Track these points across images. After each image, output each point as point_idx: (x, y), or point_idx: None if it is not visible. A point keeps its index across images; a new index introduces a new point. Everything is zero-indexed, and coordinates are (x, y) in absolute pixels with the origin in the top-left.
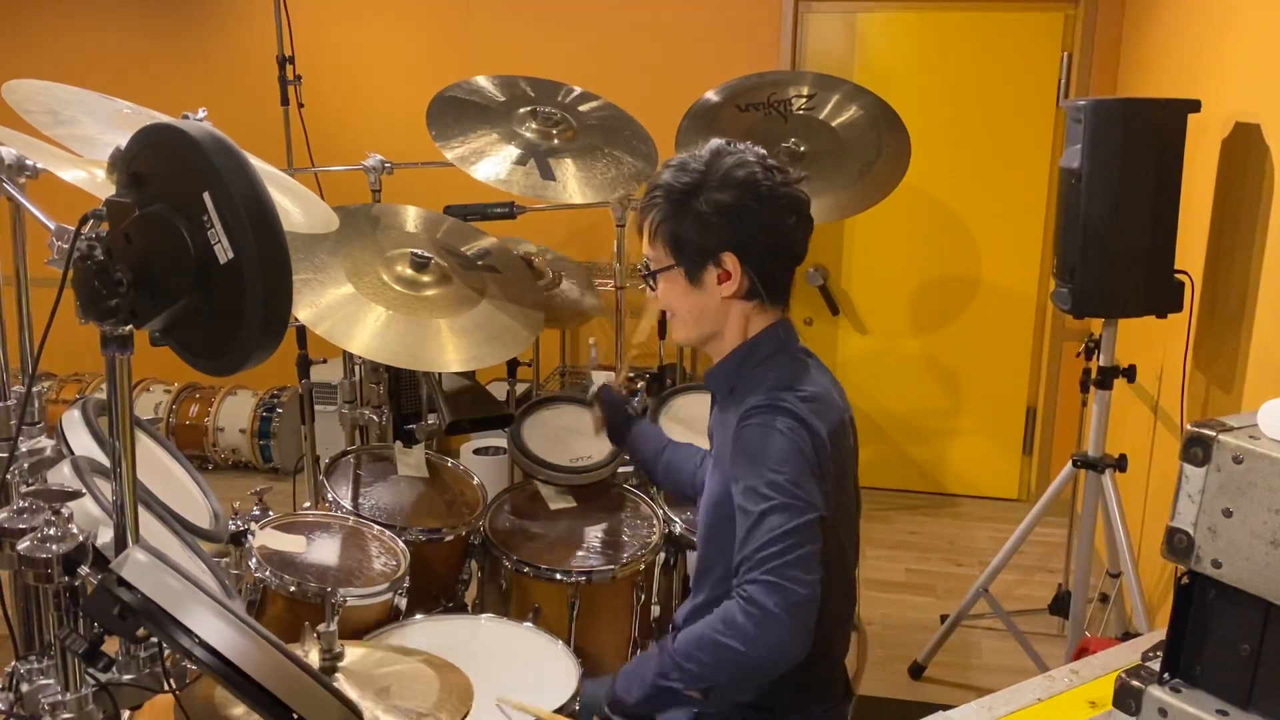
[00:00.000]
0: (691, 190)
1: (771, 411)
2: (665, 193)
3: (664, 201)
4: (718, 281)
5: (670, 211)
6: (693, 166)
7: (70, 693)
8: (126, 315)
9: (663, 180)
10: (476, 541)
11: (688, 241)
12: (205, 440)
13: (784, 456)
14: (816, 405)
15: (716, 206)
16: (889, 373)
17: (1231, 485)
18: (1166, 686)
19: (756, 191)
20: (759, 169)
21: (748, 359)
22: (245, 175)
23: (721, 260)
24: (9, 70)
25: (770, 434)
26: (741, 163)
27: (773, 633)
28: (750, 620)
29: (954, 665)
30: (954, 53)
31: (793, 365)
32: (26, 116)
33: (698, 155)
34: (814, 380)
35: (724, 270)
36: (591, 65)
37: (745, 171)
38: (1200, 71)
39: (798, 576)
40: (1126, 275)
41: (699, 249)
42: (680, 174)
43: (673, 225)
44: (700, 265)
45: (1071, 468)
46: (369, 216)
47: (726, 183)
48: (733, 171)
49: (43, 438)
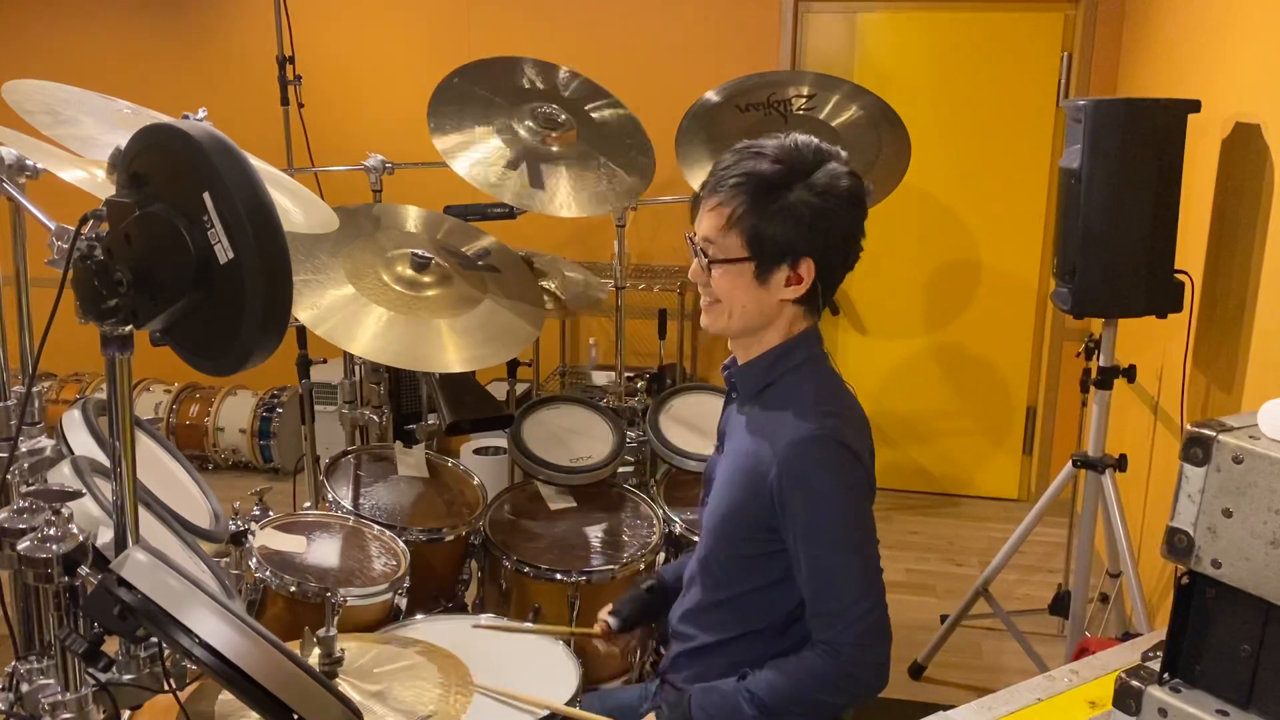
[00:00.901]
0: (783, 185)
1: (833, 449)
2: (756, 181)
3: (752, 192)
4: (786, 284)
5: (756, 204)
6: (791, 161)
7: (70, 693)
8: (126, 315)
9: (752, 167)
10: (476, 541)
11: (769, 239)
12: (205, 440)
13: (854, 501)
14: (858, 428)
15: (813, 211)
16: (889, 373)
17: (1231, 485)
18: (1166, 686)
19: (853, 204)
20: (857, 179)
21: (781, 361)
22: (245, 175)
23: (799, 264)
24: (9, 70)
25: (838, 479)
26: (848, 173)
27: (868, 686)
28: (853, 681)
29: (954, 665)
30: (954, 53)
31: (828, 378)
32: (26, 116)
33: (796, 149)
34: (845, 395)
35: (797, 274)
36: (592, 65)
37: (850, 182)
38: (1200, 71)
39: (887, 628)
40: (1126, 275)
41: (780, 249)
42: (774, 165)
43: (757, 220)
44: (774, 265)
45: (1071, 468)
46: (369, 216)
47: (830, 190)
48: (838, 180)
49: (43, 438)
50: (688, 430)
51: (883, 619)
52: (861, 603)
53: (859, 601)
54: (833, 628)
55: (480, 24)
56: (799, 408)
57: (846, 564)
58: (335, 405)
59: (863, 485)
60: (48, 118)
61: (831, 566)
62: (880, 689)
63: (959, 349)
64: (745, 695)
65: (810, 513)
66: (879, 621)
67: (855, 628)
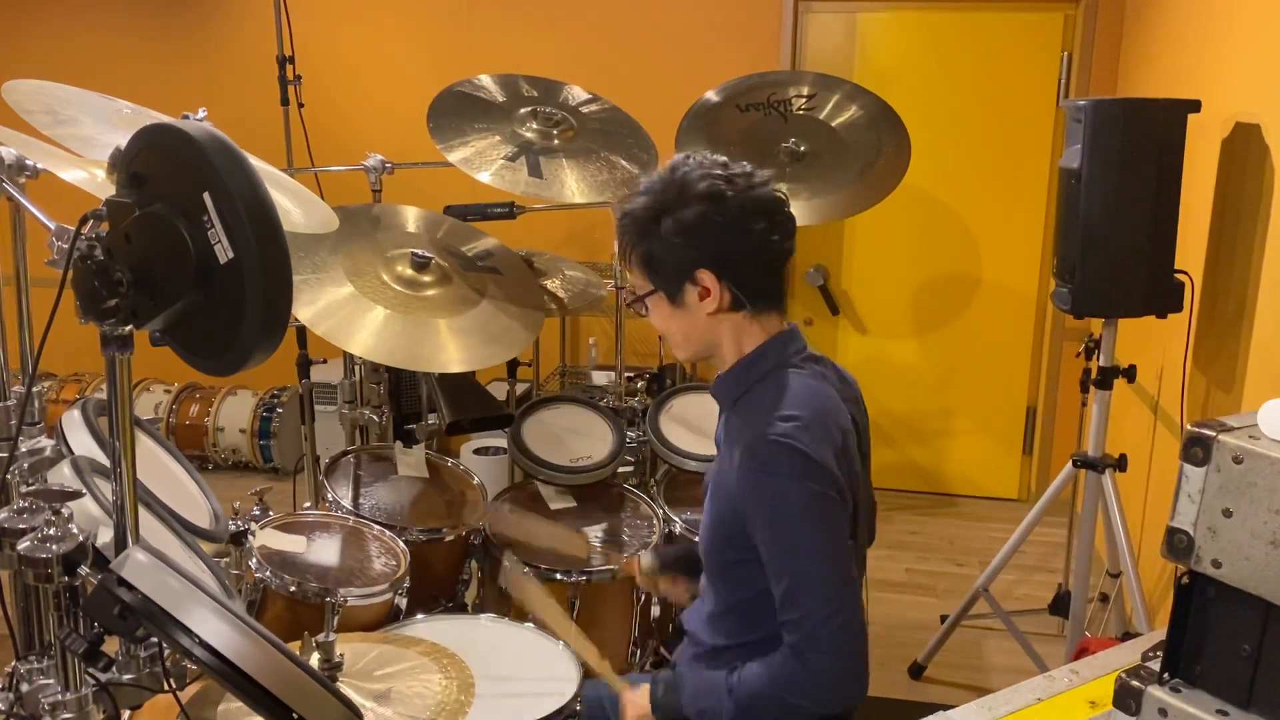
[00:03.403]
0: (656, 212)
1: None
2: (631, 219)
3: (631, 227)
4: (699, 299)
5: (639, 237)
6: (654, 188)
7: (70, 693)
8: (126, 315)
9: (627, 206)
10: (476, 541)
11: (661, 264)
12: (205, 440)
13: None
14: (822, 431)
15: (681, 225)
16: (889, 373)
17: (1231, 485)
18: (1166, 686)
19: (721, 203)
20: (720, 179)
21: (749, 372)
22: (245, 175)
23: (698, 278)
24: (9, 70)
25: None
26: (702, 175)
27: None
28: (823, 688)
29: (954, 665)
30: (954, 53)
31: (796, 382)
32: (26, 116)
33: (657, 176)
34: (812, 399)
35: (703, 288)
36: (591, 65)
37: (707, 184)
38: (1200, 71)
39: (856, 634)
40: (1126, 275)
41: (674, 270)
42: (643, 197)
43: (644, 250)
44: (678, 286)
45: (1071, 468)
46: (369, 216)
47: (687, 199)
48: (693, 186)
49: (43, 438)
50: (688, 430)
51: (849, 626)
52: (824, 608)
53: (821, 608)
54: (799, 631)
55: (480, 24)
56: (760, 415)
57: (805, 570)
58: (335, 405)
59: (820, 489)
60: (48, 118)
61: (790, 571)
62: (858, 696)
63: (959, 349)
64: (727, 688)
65: (767, 518)
66: (845, 628)
67: (818, 633)
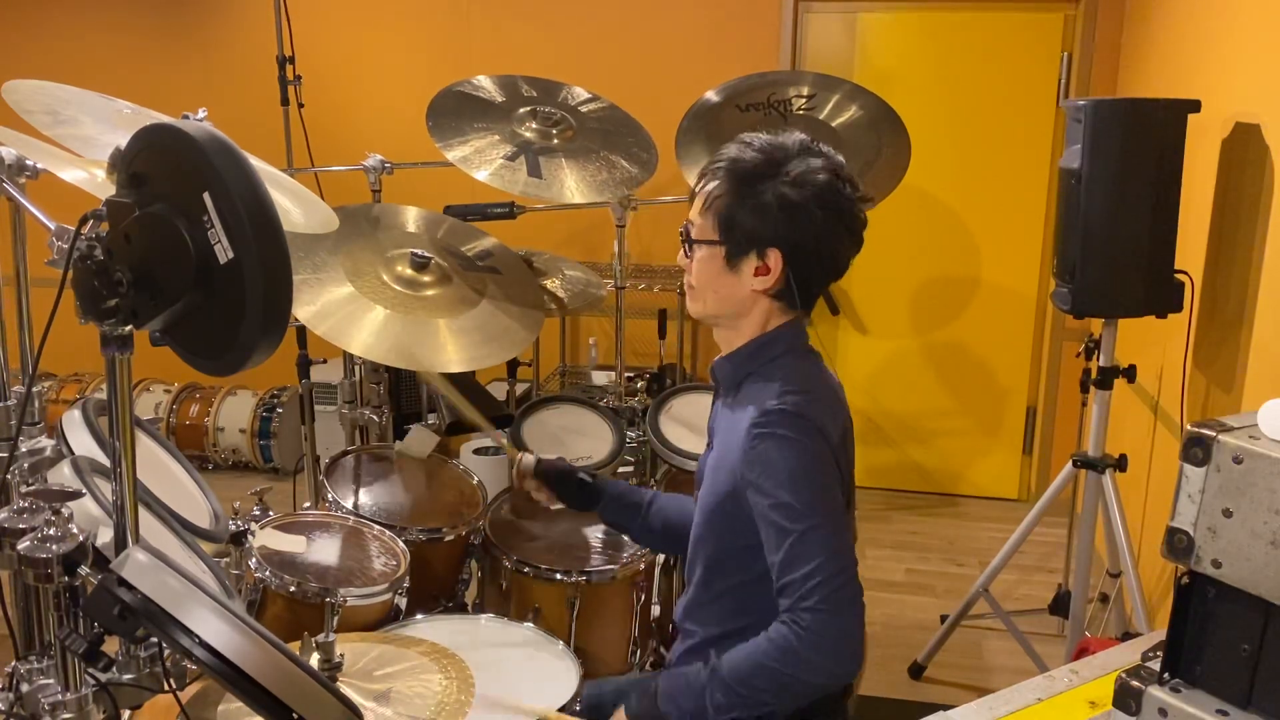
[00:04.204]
0: (760, 175)
1: (790, 420)
2: (734, 167)
3: (727, 177)
4: (754, 273)
5: (731, 189)
6: (772, 151)
7: (70, 693)
8: (126, 315)
9: (735, 153)
10: (476, 541)
11: (739, 225)
12: (205, 440)
13: (814, 469)
14: (826, 407)
15: (782, 201)
16: (889, 373)
17: (1231, 485)
18: (1166, 686)
19: (827, 200)
20: (838, 179)
21: (758, 355)
22: (245, 175)
23: (766, 254)
24: (9, 70)
25: (795, 446)
26: (826, 167)
27: (836, 659)
28: (815, 650)
29: (954, 665)
30: (954, 53)
31: (803, 367)
32: (26, 116)
33: (780, 143)
34: (822, 383)
35: (764, 264)
36: (591, 65)
37: (826, 176)
38: (1200, 71)
39: (853, 598)
40: (1126, 275)
41: (749, 236)
42: (757, 155)
43: (730, 204)
44: (743, 252)
45: (1071, 468)
46: (369, 216)
47: (802, 181)
48: (813, 174)
49: (43, 438)
50: (688, 430)
51: (849, 588)
52: (825, 569)
53: (822, 568)
54: (795, 594)
55: (480, 24)
56: (767, 392)
57: (808, 531)
58: (335, 405)
59: (825, 457)
60: (48, 118)
61: (792, 534)
62: (853, 669)
63: (959, 349)
64: (708, 677)
65: (770, 481)
66: (844, 589)
67: (817, 594)
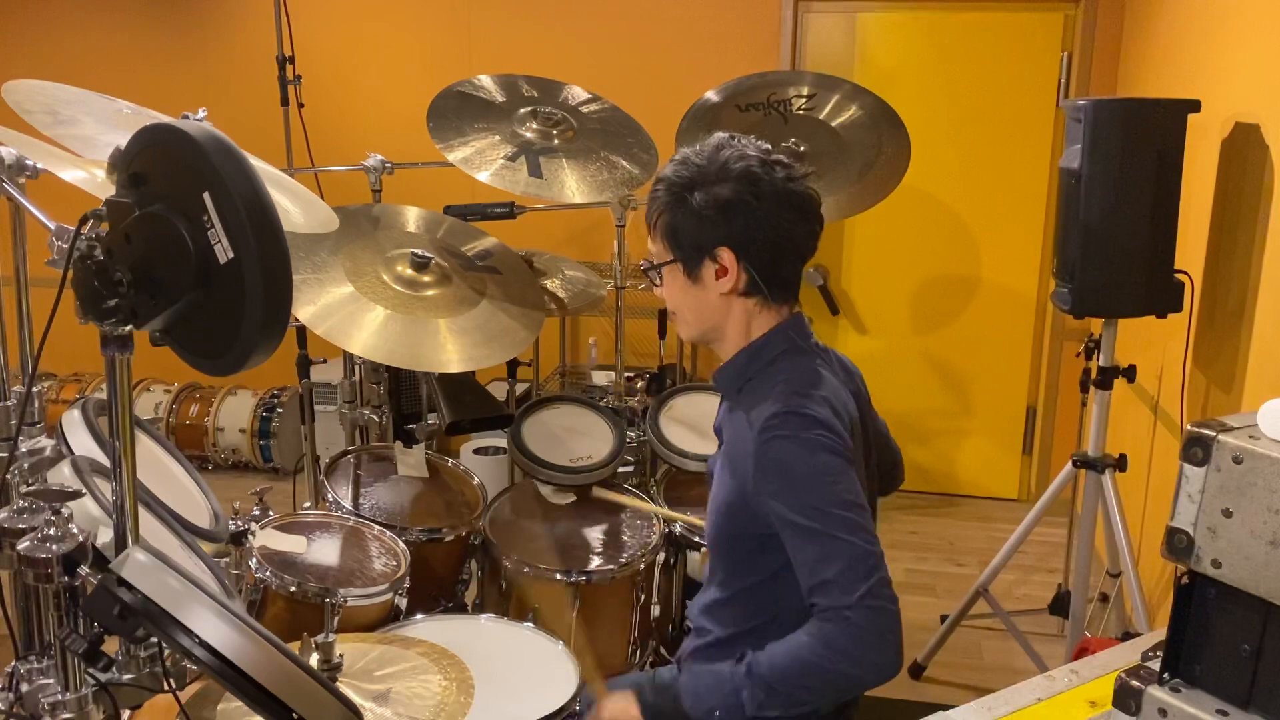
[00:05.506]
0: (691, 184)
1: (795, 420)
2: (666, 186)
3: (664, 195)
4: (715, 277)
5: (669, 205)
6: (694, 160)
7: (70, 693)
8: (126, 315)
9: (665, 174)
10: (476, 541)
11: (685, 236)
12: (205, 440)
13: (835, 468)
14: (830, 401)
15: (713, 201)
16: (889, 373)
17: (1231, 485)
18: (1166, 686)
19: (755, 186)
20: (758, 164)
21: (756, 358)
22: (245, 175)
23: (718, 255)
24: (9, 70)
25: (805, 444)
26: (741, 156)
27: (882, 653)
28: (868, 647)
29: (954, 665)
30: (954, 53)
31: (805, 366)
32: (26, 116)
33: (701, 149)
34: (820, 383)
35: (721, 266)
36: (591, 65)
37: (743, 165)
38: (1200, 71)
39: (891, 594)
40: (1126, 275)
41: (695, 244)
42: (681, 167)
43: (671, 219)
44: (698, 260)
45: (1071, 468)
46: (369, 216)
47: (724, 176)
48: (733, 165)
49: (43, 438)
50: (688, 430)
51: (886, 580)
52: (861, 564)
53: (859, 562)
54: (834, 590)
55: (480, 24)
56: (769, 396)
57: (835, 527)
58: (335, 405)
59: (836, 448)
60: (48, 118)
61: (821, 532)
62: (899, 662)
63: (959, 349)
64: (744, 675)
65: (787, 485)
66: (884, 584)
67: (859, 587)
